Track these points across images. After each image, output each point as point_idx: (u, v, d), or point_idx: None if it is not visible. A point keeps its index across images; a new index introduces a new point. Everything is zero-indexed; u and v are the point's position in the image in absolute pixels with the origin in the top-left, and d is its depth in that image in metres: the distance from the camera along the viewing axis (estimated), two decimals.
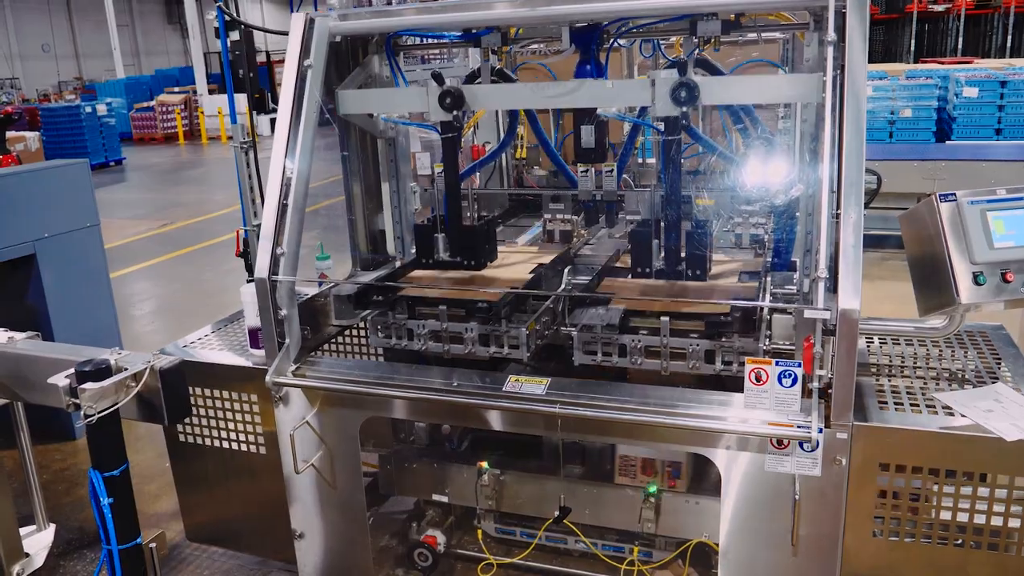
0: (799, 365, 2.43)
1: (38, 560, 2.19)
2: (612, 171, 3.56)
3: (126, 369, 2.21)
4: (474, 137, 4.65)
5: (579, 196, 3.61)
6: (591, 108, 3.19)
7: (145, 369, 2.19)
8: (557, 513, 3.06)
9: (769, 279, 3.16)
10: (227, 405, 3.25)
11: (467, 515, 3.63)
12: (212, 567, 3.76)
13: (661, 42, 3.72)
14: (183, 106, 22.89)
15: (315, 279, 3.57)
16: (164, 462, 3.51)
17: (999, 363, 2.83)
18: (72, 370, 2.11)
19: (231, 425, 3.27)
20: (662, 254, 3.02)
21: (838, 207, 2.42)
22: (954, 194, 2.54)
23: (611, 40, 3.23)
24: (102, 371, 2.13)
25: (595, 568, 3.37)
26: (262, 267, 2.98)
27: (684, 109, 2.78)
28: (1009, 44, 21.05)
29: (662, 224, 3.07)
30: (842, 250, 2.38)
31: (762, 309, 2.93)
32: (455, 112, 3.05)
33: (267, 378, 2.96)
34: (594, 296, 3.04)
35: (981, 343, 3.00)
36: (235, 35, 5.03)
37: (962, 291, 2.45)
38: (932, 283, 2.56)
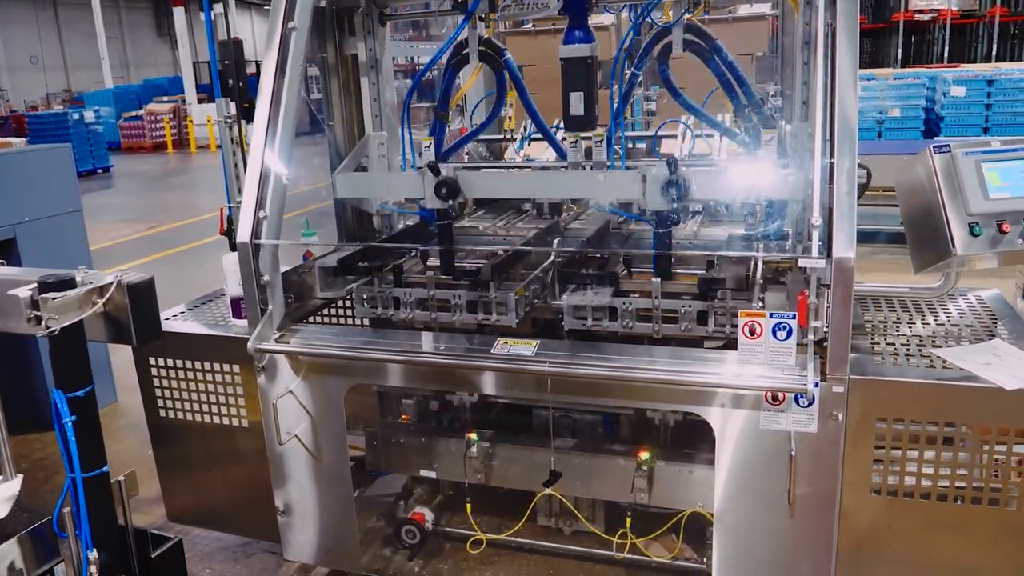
0: (794, 317, 2.38)
1: (2, 510, 2.10)
2: (601, 141, 3.52)
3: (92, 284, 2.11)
4: (462, 120, 4.60)
5: (568, 167, 3.57)
6: (580, 73, 3.15)
7: (112, 283, 2.08)
8: (547, 478, 2.98)
9: (761, 246, 3.11)
10: (208, 377, 3.17)
11: (457, 495, 3.55)
12: (194, 549, 3.66)
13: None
14: (172, 115, 22.81)
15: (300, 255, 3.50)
16: (146, 450, 3.42)
17: (995, 323, 2.79)
18: (34, 283, 2.01)
19: (212, 398, 3.19)
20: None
21: (831, 155, 2.38)
22: (948, 145, 2.50)
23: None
24: (65, 283, 2.04)
25: (587, 544, 3.31)
26: (244, 231, 2.91)
27: (675, 205, 2.74)
28: (994, 53, 21.19)
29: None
30: (836, 198, 2.33)
31: (755, 268, 2.89)
32: (450, 202, 3.01)
33: (249, 344, 2.89)
34: (586, 252, 2.99)
35: (977, 306, 2.96)
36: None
37: (958, 242, 2.40)
38: (927, 237, 2.52)
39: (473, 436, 3.17)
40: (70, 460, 2.06)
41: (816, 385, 2.36)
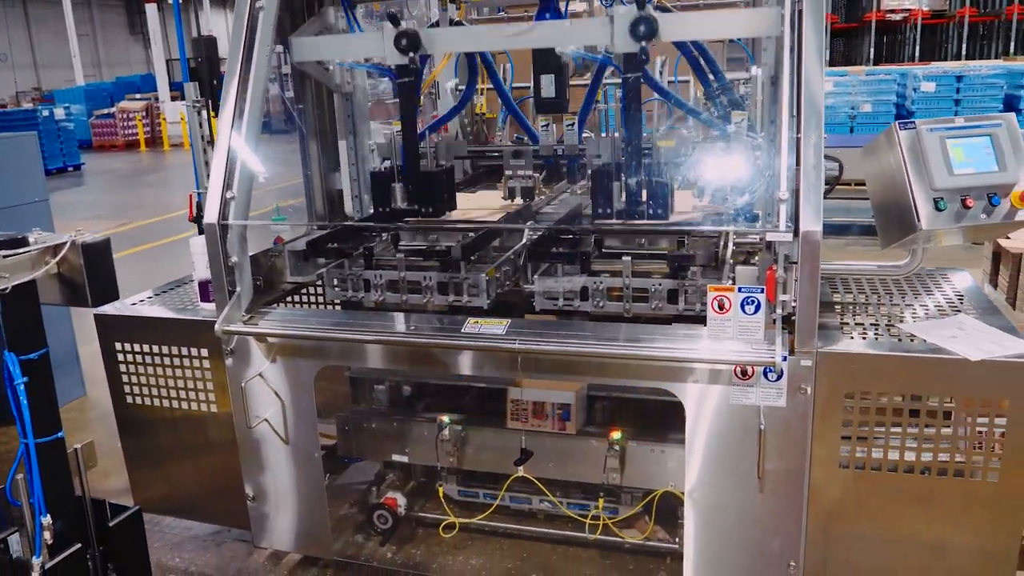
0: (762, 291, 2.39)
1: None
2: (573, 125, 3.53)
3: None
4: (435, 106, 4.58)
5: (540, 151, 3.57)
6: (550, 55, 3.14)
7: (66, 243, 2.04)
8: (519, 456, 2.97)
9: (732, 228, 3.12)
10: (176, 363, 3.13)
11: (429, 482, 3.53)
12: (164, 539, 3.61)
13: None
14: (144, 113, 22.55)
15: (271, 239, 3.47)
16: (116, 443, 3.36)
17: (961, 299, 2.81)
18: None
19: (180, 384, 3.15)
20: (623, 196, 2.97)
21: (798, 130, 2.39)
22: (913, 122, 2.52)
23: None
24: (17, 242, 1.99)
25: (561, 528, 3.30)
26: (212, 211, 2.87)
27: (644, 44, 2.73)
28: (964, 52, 21.49)
29: (623, 169, 3.02)
30: (803, 172, 2.35)
31: (725, 246, 2.90)
32: (411, 54, 2.97)
33: (216, 326, 2.85)
34: (557, 227, 2.98)
35: (943, 284, 2.99)
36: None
37: (923, 217, 2.42)
38: (893, 213, 2.53)
39: (445, 419, 3.16)
40: (22, 424, 2.01)
41: (784, 359, 2.37)
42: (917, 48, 22.11)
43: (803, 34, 2.43)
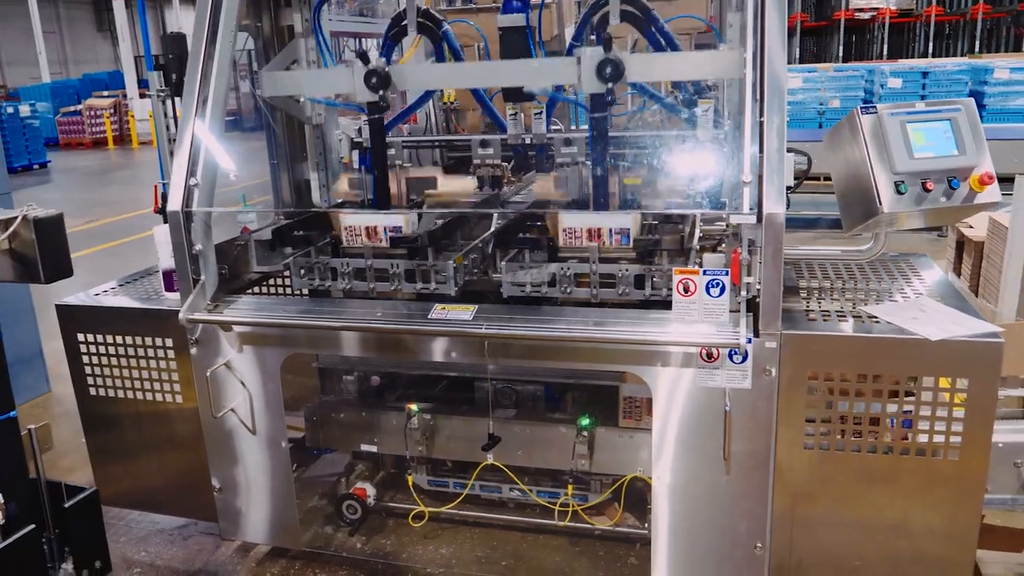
0: (726, 273, 2.40)
1: None
2: (541, 114, 3.52)
3: None
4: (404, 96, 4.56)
5: (508, 140, 3.56)
6: (518, 42, 3.14)
7: (16, 218, 1.99)
8: (486, 442, 2.97)
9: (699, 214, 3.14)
10: (141, 353, 3.08)
11: (400, 472, 3.51)
12: (129, 534, 3.57)
13: None
14: (113, 110, 22.23)
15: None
16: (80, 439, 3.31)
17: (923, 283, 2.85)
18: None
19: (145, 375, 3.11)
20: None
21: (761, 114, 2.40)
22: (875, 107, 2.54)
23: None
24: None
25: (531, 516, 3.30)
26: (175, 199, 2.84)
27: (610, 86, 2.74)
28: (931, 50, 21.78)
29: (589, 203, 3.00)
30: (766, 155, 2.36)
31: (691, 232, 2.92)
32: (381, 92, 2.96)
33: (181, 314, 2.82)
34: (522, 211, 2.98)
35: (906, 268, 3.03)
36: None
37: (885, 200, 2.44)
38: (856, 197, 2.55)
39: (414, 408, 3.15)
40: None
41: (749, 341, 2.39)
42: (885, 46, 22.36)
43: (766, 20, 2.45)
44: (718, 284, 2.40)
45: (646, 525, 3.08)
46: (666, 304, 2.59)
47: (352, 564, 3.23)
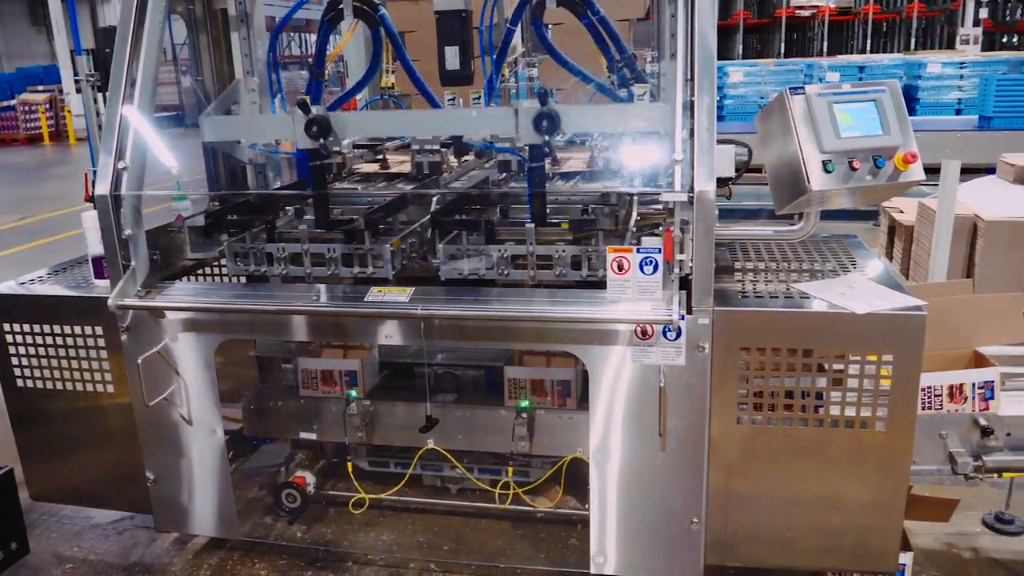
0: (659, 251, 2.43)
1: None
2: (479, 98, 3.51)
3: None
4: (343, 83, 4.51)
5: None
6: (455, 26, 3.13)
7: None
8: (424, 424, 2.96)
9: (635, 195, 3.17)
10: (70, 342, 3.00)
11: (341, 461, 3.47)
12: (61, 530, 3.47)
13: None
14: (48, 105, 21.61)
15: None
16: (9, 436, 3.20)
17: (854, 263, 2.91)
18: None
19: (75, 364, 3.02)
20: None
21: (692, 94, 2.43)
22: (803, 88, 2.59)
23: None
24: None
25: (472, 500, 3.30)
26: (103, 182, 2.77)
27: (547, 138, 2.74)
28: (868, 47, 22.35)
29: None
30: (696, 135, 2.39)
31: (628, 215, 2.94)
32: (322, 140, 2.92)
33: (110, 301, 2.75)
34: (461, 192, 2.97)
35: (837, 248, 3.09)
36: None
37: (813, 179, 2.49)
38: (785, 176, 2.60)
39: (352, 394, 3.12)
40: None
41: (682, 318, 2.42)
42: (825, 43, 22.89)
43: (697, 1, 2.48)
44: (651, 262, 2.43)
45: (586, 506, 3.09)
46: (603, 285, 2.61)
47: (292, 553, 3.19)
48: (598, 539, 2.74)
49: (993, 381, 2.70)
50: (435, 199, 3.19)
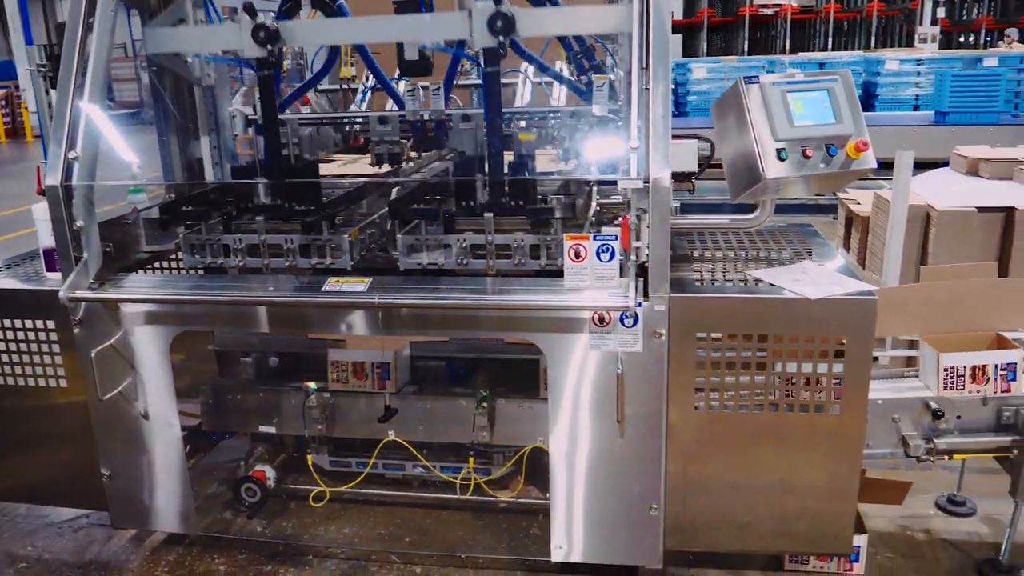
0: (616, 238, 2.44)
1: None
2: (439, 89, 3.51)
3: None
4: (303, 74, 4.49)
5: (407, 117, 3.53)
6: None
7: None
8: (383, 414, 2.95)
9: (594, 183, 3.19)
10: (21, 336, 2.94)
11: (302, 454, 3.44)
12: (14, 529, 3.41)
13: None
14: (4, 102, 21.14)
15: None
16: None
17: (809, 251, 2.95)
18: None
19: (27, 359, 2.96)
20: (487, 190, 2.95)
21: (647, 83, 2.45)
22: (758, 77, 2.62)
23: None
24: None
25: (434, 492, 3.29)
26: (53, 173, 2.72)
27: (502, 39, 2.73)
28: (830, 45, 22.64)
29: (485, 163, 2.99)
30: (652, 122, 2.41)
31: (586, 203, 2.95)
32: (270, 47, 2.88)
33: (61, 293, 2.70)
34: (408, 180, 2.96)
35: (792, 237, 3.13)
36: None
37: (767, 167, 2.52)
38: (740, 164, 2.63)
39: (311, 386, 3.10)
40: None
41: (639, 304, 2.43)
42: (787, 41, 23.13)
43: None
44: (608, 249, 2.44)
45: (548, 495, 3.10)
46: (563, 274, 2.62)
47: (252, 547, 3.16)
48: (559, 527, 2.74)
49: (1015, 363, 2.72)
50: (395, 190, 3.18)
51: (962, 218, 4.06)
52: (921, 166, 4.62)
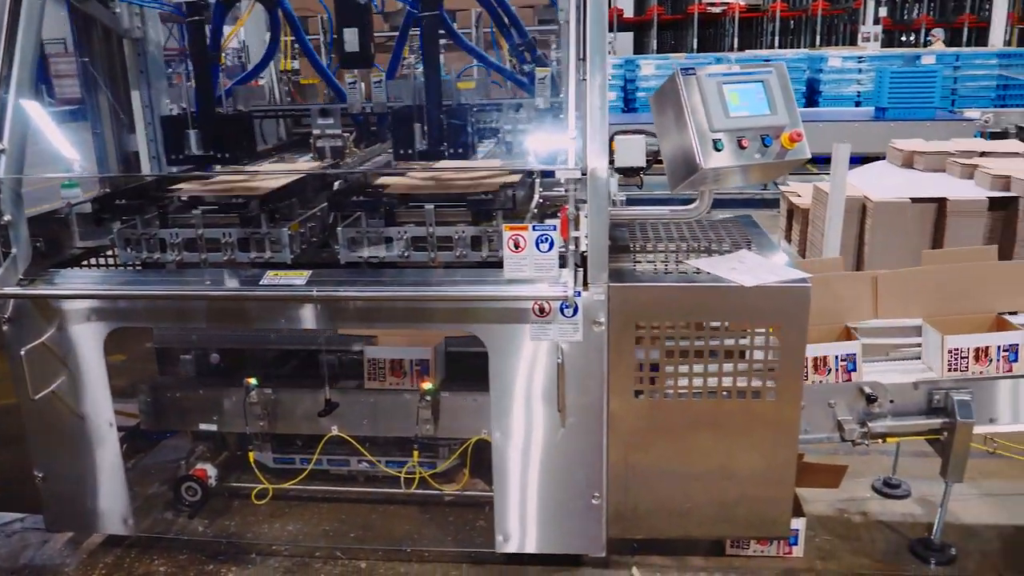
0: (555, 228, 2.45)
1: None
2: (381, 82, 3.49)
3: None
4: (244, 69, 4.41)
5: (349, 109, 3.50)
6: (353, 5, 3.09)
7: None
8: (323, 408, 2.92)
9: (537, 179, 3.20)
10: None
11: (244, 452, 3.39)
12: None
13: None
14: None
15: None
16: None
17: (748, 241, 2.99)
18: None
19: None
20: (424, 138, 2.95)
21: (584, 74, 2.46)
22: (694, 69, 2.65)
23: None
24: None
25: (380, 487, 3.27)
26: None
27: None
28: (777, 43, 23.03)
29: (423, 112, 2.98)
30: (589, 113, 2.42)
31: (529, 196, 2.96)
32: None
33: None
34: (349, 172, 2.93)
35: (732, 227, 3.17)
36: None
37: (703, 157, 2.54)
38: (679, 156, 2.65)
39: (252, 382, 3.05)
40: None
41: (578, 294, 2.45)
42: (736, 39, 23.47)
43: None
44: (547, 239, 2.45)
45: (493, 487, 3.10)
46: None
47: (193, 547, 3.10)
48: (502, 519, 2.75)
49: (1018, 344, 2.79)
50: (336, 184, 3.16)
51: (897, 209, 4.17)
52: (862, 160, 4.74)
